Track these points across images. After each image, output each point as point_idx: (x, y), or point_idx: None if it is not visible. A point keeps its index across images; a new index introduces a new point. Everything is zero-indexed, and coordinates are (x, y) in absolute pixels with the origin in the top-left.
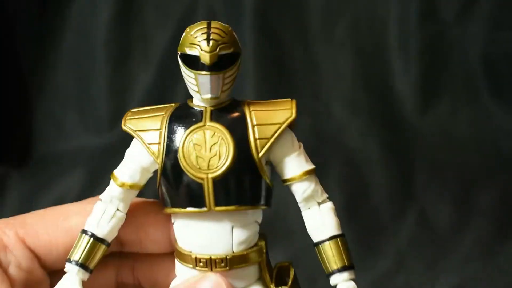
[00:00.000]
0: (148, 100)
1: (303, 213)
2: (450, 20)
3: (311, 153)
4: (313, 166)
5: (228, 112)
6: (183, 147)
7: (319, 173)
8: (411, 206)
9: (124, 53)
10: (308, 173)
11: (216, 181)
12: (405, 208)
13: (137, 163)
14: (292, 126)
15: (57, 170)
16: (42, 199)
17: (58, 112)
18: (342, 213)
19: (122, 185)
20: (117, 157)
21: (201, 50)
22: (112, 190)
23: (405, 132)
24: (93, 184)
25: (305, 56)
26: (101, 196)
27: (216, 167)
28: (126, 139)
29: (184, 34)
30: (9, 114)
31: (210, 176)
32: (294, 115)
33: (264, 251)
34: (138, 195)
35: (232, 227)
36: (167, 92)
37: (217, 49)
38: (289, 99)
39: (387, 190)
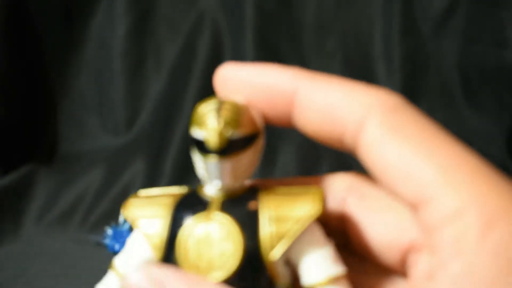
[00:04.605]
0: (160, 105)
1: None
2: (428, 34)
3: (306, 153)
4: (343, 271)
5: (241, 202)
6: (182, 243)
7: (313, 169)
8: None
9: (138, 63)
10: (335, 280)
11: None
12: None
13: (139, 254)
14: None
15: (79, 167)
16: (66, 192)
17: (80, 115)
18: None
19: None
20: (132, 156)
21: (208, 132)
22: (112, 282)
23: None
24: (111, 180)
25: (300, 67)
26: (97, 286)
27: (219, 270)
28: (140, 140)
29: (193, 110)
30: (37, 117)
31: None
32: (320, 209)
33: None
34: None
35: None
36: (177, 98)
37: (227, 132)
38: (315, 188)
39: None
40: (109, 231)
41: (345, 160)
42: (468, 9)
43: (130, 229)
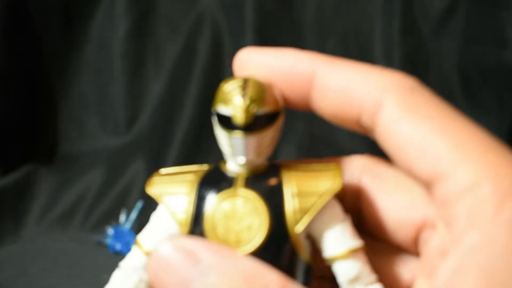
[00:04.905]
0: (160, 105)
1: None
2: (428, 34)
3: (306, 152)
4: (360, 244)
5: (264, 179)
6: (209, 218)
7: None
8: None
9: (138, 63)
10: (354, 252)
11: None
12: None
13: (164, 230)
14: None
15: (79, 167)
16: (67, 192)
17: (80, 115)
18: None
19: (148, 254)
20: (132, 156)
21: (235, 108)
22: (137, 259)
23: None
24: (111, 180)
25: None
26: (121, 263)
27: (246, 243)
28: (140, 140)
29: (217, 89)
30: (38, 117)
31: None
32: (340, 184)
33: None
34: None
35: None
36: (177, 98)
37: (252, 108)
38: (334, 165)
39: None
40: (110, 231)
41: None
42: (468, 9)
43: (131, 229)
